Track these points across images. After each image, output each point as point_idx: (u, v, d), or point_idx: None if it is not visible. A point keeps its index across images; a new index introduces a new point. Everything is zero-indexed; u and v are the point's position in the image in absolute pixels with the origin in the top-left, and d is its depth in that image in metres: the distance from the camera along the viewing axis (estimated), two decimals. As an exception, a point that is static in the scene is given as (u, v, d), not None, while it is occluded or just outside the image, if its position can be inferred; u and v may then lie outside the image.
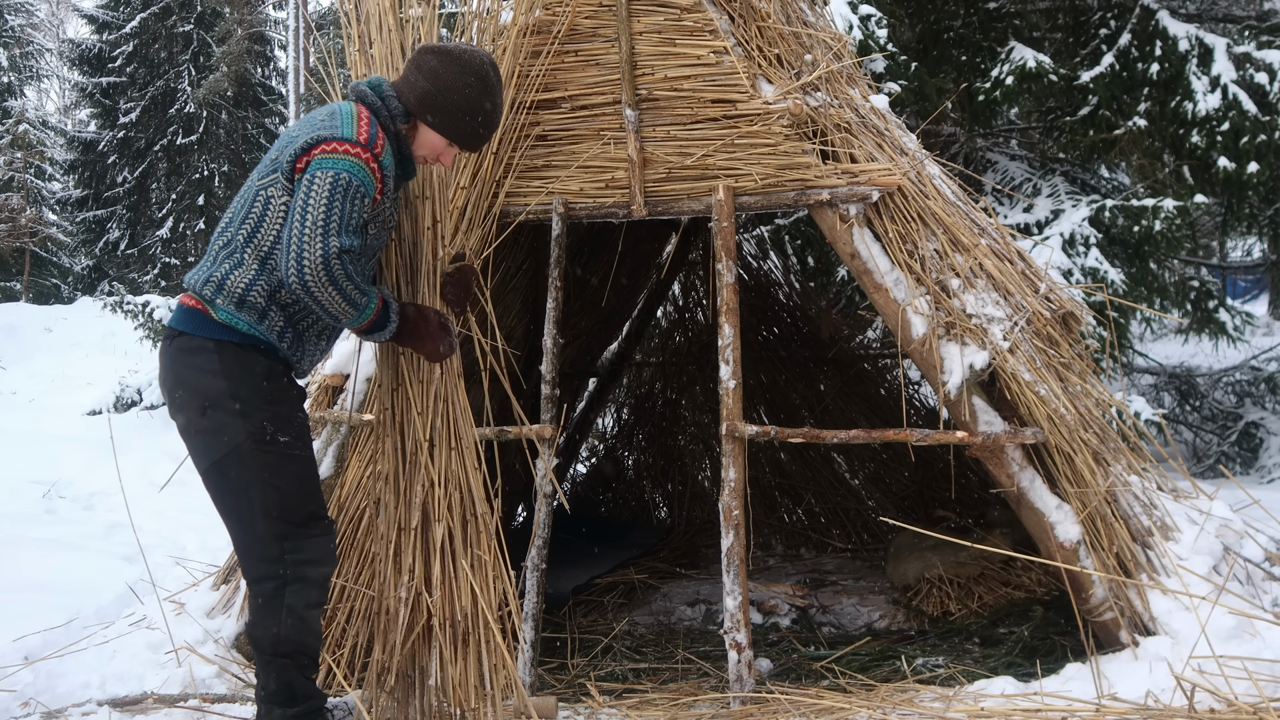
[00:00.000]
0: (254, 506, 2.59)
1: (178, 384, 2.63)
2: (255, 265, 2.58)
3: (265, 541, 2.60)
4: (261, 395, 2.60)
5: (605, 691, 3.41)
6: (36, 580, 4.82)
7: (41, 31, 31.86)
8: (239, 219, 2.62)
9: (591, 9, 3.73)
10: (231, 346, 2.59)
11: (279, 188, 2.58)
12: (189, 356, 2.60)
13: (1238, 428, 8.45)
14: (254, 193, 2.62)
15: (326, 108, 2.65)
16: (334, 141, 2.51)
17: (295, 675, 2.63)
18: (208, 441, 2.60)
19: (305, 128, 2.58)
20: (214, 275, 2.59)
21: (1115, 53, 6.99)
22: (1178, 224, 6.48)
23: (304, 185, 2.49)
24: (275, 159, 2.60)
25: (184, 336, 2.61)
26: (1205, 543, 3.38)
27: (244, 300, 2.58)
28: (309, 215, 2.45)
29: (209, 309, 2.59)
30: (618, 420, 6.71)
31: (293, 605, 2.59)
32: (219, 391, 2.57)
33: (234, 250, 2.61)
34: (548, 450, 3.62)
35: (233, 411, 2.57)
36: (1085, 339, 3.91)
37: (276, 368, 2.67)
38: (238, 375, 2.58)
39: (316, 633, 2.66)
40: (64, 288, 24.22)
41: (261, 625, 2.61)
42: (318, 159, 2.50)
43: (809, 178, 3.60)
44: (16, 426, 9.64)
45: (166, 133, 24.06)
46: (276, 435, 2.61)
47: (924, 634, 4.07)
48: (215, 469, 2.61)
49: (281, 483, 2.60)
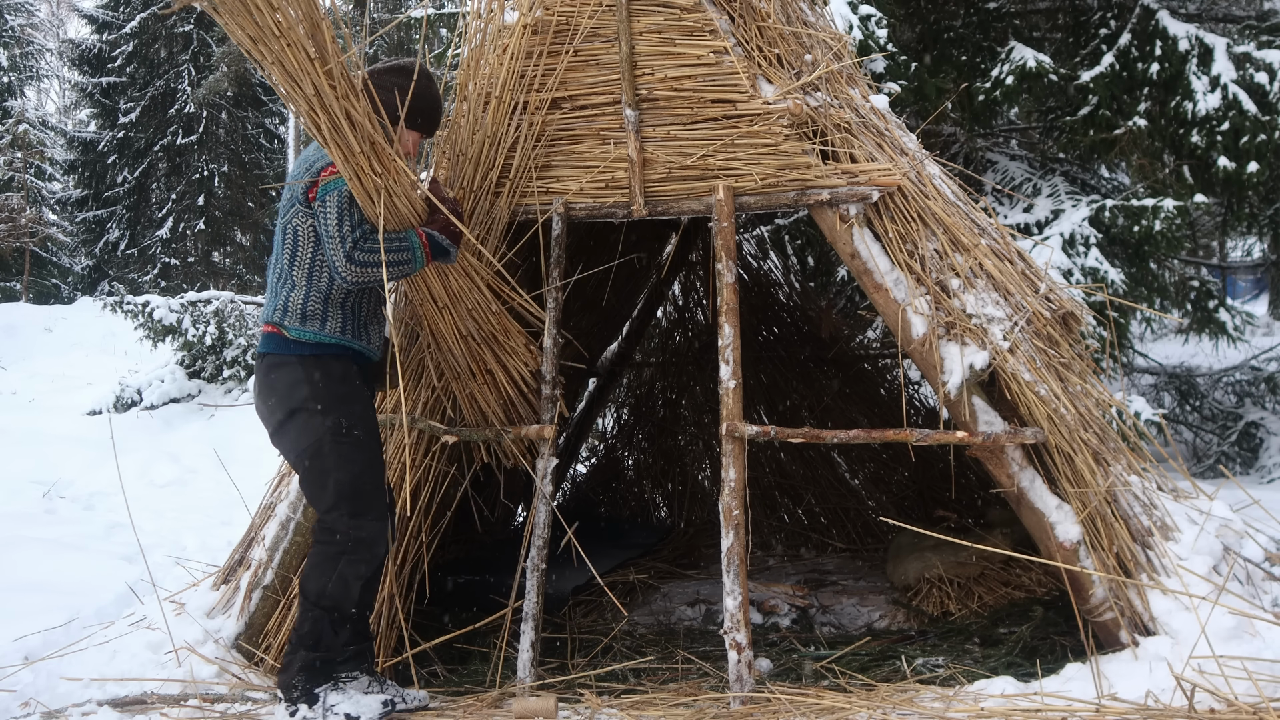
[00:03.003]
0: (330, 488, 3.08)
1: (270, 394, 3.16)
2: (304, 283, 3.15)
3: (335, 517, 3.08)
4: (338, 397, 3.13)
5: (605, 691, 3.41)
6: (36, 580, 4.82)
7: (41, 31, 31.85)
8: (279, 253, 3.19)
9: (591, 9, 3.72)
10: (309, 359, 3.13)
11: (301, 216, 3.14)
12: (275, 371, 3.15)
13: (1238, 428, 8.45)
14: (283, 230, 3.18)
15: (314, 145, 3.17)
16: (330, 166, 3.07)
17: (326, 627, 3.06)
18: (296, 438, 3.12)
19: (303, 166, 3.16)
20: (278, 303, 3.16)
21: (1115, 53, 6.99)
22: (1178, 224, 6.48)
23: (319, 210, 3.08)
24: (290, 197, 3.16)
25: (270, 356, 3.17)
26: (1205, 543, 3.38)
27: (305, 314, 3.14)
28: (329, 226, 3.05)
29: (282, 330, 3.15)
30: (618, 420, 6.71)
31: (344, 572, 3.06)
32: (302, 396, 3.10)
33: (284, 278, 3.17)
34: (548, 450, 3.62)
35: (315, 411, 3.09)
36: (1085, 339, 3.91)
37: (350, 371, 3.20)
38: (317, 381, 3.12)
39: (354, 600, 3.08)
40: (64, 288, 24.23)
41: (314, 578, 3.08)
42: (322, 185, 3.08)
43: (809, 178, 3.59)
44: (16, 426, 9.63)
45: (166, 133, 24.04)
46: (351, 430, 3.12)
47: (924, 634, 4.07)
48: (304, 458, 3.12)
49: (354, 469, 3.10)
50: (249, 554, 3.78)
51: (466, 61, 3.88)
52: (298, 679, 3.04)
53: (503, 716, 3.18)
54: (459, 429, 3.65)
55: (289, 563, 3.62)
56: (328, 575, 3.05)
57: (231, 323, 11.13)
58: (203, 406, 10.51)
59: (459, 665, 3.80)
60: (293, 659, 3.07)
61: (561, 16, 3.75)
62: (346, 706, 3.02)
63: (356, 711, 3.02)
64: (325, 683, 3.06)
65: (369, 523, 3.09)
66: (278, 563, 3.63)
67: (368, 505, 3.11)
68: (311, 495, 3.18)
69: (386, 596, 3.58)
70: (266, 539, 3.69)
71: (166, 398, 10.78)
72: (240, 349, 11.02)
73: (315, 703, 3.02)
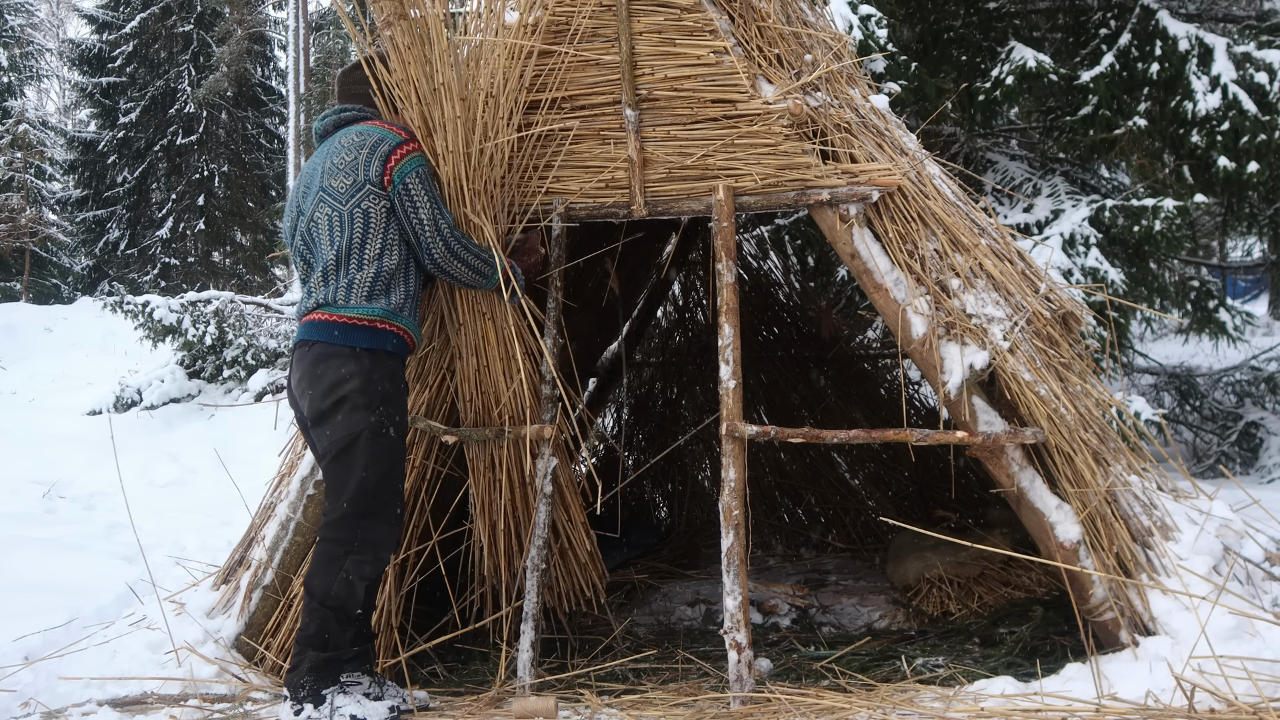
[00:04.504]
0: (352, 484, 3.07)
1: (316, 382, 3.11)
2: (375, 262, 3.17)
3: (348, 514, 3.07)
4: (385, 395, 3.13)
5: (605, 691, 3.41)
6: (36, 580, 4.82)
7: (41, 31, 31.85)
8: (345, 236, 3.18)
9: (591, 9, 3.72)
10: (363, 352, 3.12)
11: (373, 198, 3.19)
12: (325, 361, 3.11)
13: (1238, 428, 8.45)
14: (349, 213, 3.19)
15: (345, 135, 3.27)
16: (398, 147, 3.22)
17: (333, 626, 3.05)
18: (337, 429, 3.09)
19: (353, 151, 3.22)
20: (339, 285, 3.16)
21: (1115, 53, 6.99)
22: (1178, 224, 6.48)
23: (401, 194, 3.20)
24: (354, 180, 3.19)
25: (319, 345, 3.13)
26: (1205, 543, 3.38)
27: (373, 290, 3.16)
28: (420, 210, 3.21)
29: (343, 315, 3.13)
30: (618, 420, 6.71)
31: (349, 571, 3.05)
32: (353, 388, 3.08)
33: (346, 264, 3.17)
34: (548, 450, 3.62)
35: (360, 406, 3.07)
36: (1085, 339, 3.91)
37: (400, 370, 3.22)
38: (370, 375, 3.11)
39: (359, 601, 3.07)
40: (64, 288, 24.23)
41: (319, 577, 3.05)
42: (400, 166, 3.20)
43: (809, 178, 3.59)
44: (16, 426, 9.64)
45: (166, 133, 24.06)
46: (388, 430, 3.12)
47: (924, 634, 4.07)
48: (334, 449, 3.09)
49: (380, 469, 3.09)
50: (249, 554, 3.78)
51: (466, 62, 3.88)
52: (306, 679, 3.03)
53: (503, 716, 3.18)
54: (459, 429, 3.65)
55: (289, 563, 3.62)
56: (333, 575, 3.05)
57: (231, 323, 11.13)
58: (203, 406, 10.52)
59: (459, 665, 3.80)
60: (301, 659, 3.07)
61: (561, 16, 3.75)
62: (353, 709, 3.01)
63: (363, 714, 3.01)
64: (333, 684, 3.05)
65: (380, 525, 3.10)
66: (278, 563, 3.63)
67: (383, 507, 3.11)
68: (332, 487, 3.15)
69: (387, 596, 3.58)
70: (266, 539, 3.69)
71: (166, 398, 10.78)
72: (240, 349, 11.02)
73: (322, 704, 3.01)
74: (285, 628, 3.57)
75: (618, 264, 5.00)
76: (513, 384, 3.61)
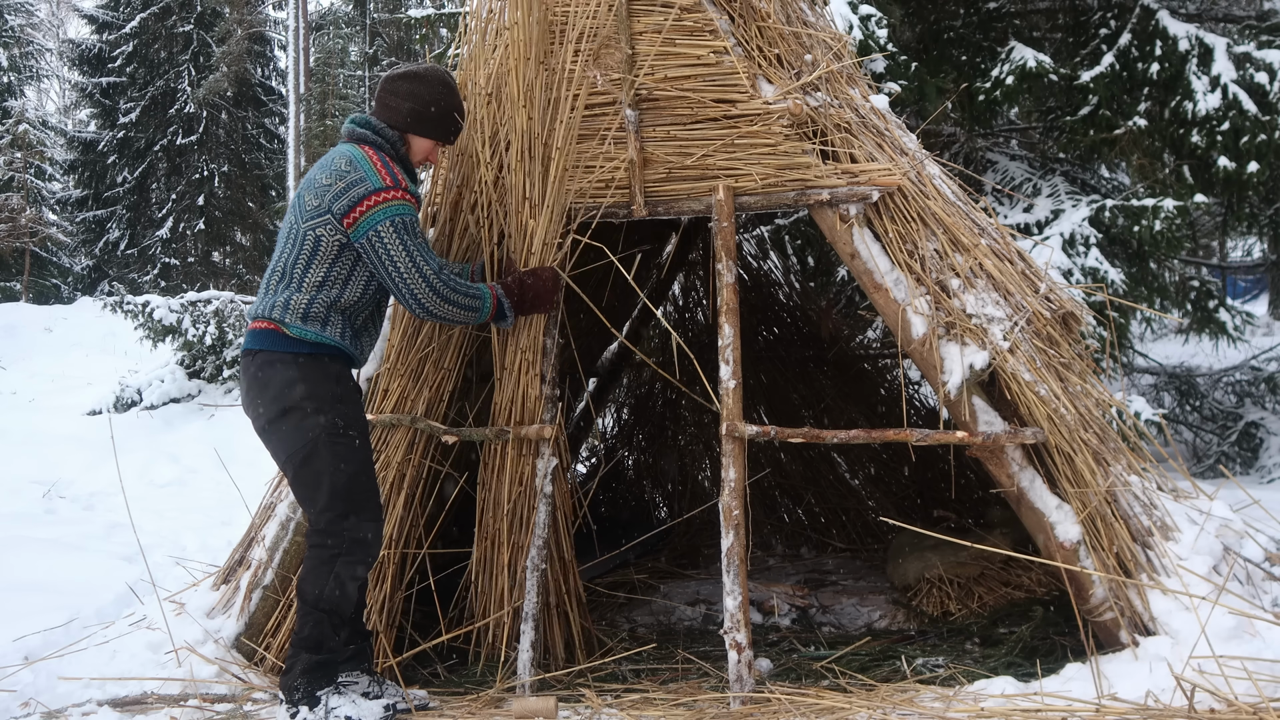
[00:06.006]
0: (324, 488, 3.05)
1: (261, 391, 3.09)
2: (312, 289, 3.11)
3: (330, 518, 3.05)
4: (334, 396, 3.10)
5: (605, 691, 3.41)
6: (36, 580, 4.82)
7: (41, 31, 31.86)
8: (290, 254, 3.13)
9: (592, 9, 3.72)
10: (305, 357, 3.08)
11: (330, 228, 3.10)
12: (268, 369, 3.09)
13: (1238, 428, 8.45)
14: (302, 234, 3.12)
15: (342, 155, 3.16)
16: (372, 195, 3.08)
17: (326, 629, 3.05)
18: (287, 437, 3.07)
19: (332, 177, 3.11)
20: (278, 301, 3.11)
21: (1115, 53, 6.99)
22: (1178, 224, 6.48)
23: (371, 242, 3.09)
24: (318, 205, 3.10)
25: (262, 353, 3.11)
26: (1205, 543, 3.38)
27: (308, 314, 3.09)
28: (397, 261, 3.10)
29: (281, 327, 3.08)
30: (618, 420, 6.71)
31: (339, 573, 3.04)
32: (298, 395, 3.05)
33: (290, 279, 3.12)
34: (548, 450, 3.62)
35: (308, 412, 3.05)
36: (1085, 339, 3.91)
37: (345, 372, 3.18)
38: (313, 380, 3.07)
39: (352, 600, 3.09)
40: (64, 288, 24.23)
41: (311, 581, 3.05)
42: (368, 216, 3.08)
43: (809, 178, 3.59)
44: (16, 426, 9.65)
45: (166, 133, 24.06)
46: (347, 430, 3.09)
47: (924, 634, 4.07)
48: (295, 459, 3.08)
49: (349, 469, 3.08)
50: (249, 554, 3.78)
51: (466, 62, 3.89)
52: (299, 681, 3.03)
53: (503, 716, 3.18)
54: (459, 429, 3.65)
55: (289, 562, 3.62)
56: (325, 578, 3.03)
57: (231, 323, 11.13)
58: (203, 406, 10.52)
59: (460, 665, 3.79)
60: (295, 661, 3.06)
61: (561, 16, 3.75)
62: (347, 709, 3.01)
63: (358, 714, 3.01)
64: (327, 685, 3.04)
65: (365, 523, 3.08)
66: (278, 562, 3.63)
67: (363, 505, 3.09)
68: (303, 496, 3.13)
69: (387, 595, 3.58)
70: (266, 539, 3.69)
71: (166, 398, 10.78)
72: (240, 349, 11.02)
73: (316, 705, 3.01)
74: (285, 628, 3.56)
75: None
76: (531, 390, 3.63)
